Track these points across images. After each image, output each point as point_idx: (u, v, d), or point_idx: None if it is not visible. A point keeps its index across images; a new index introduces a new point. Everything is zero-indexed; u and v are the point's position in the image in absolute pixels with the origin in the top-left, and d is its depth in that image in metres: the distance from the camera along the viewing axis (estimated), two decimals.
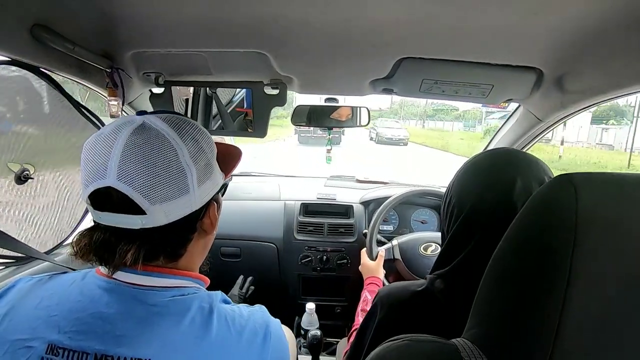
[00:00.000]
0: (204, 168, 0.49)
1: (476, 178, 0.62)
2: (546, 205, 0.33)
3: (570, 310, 0.28)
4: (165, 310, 0.45)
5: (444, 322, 0.59)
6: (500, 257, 0.37)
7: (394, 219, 1.66)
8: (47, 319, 0.44)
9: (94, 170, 0.44)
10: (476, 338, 0.37)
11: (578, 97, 0.88)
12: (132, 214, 0.44)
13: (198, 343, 0.44)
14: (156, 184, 0.44)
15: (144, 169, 0.43)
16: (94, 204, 0.45)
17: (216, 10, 0.66)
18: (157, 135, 0.45)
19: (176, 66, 0.94)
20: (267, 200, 1.66)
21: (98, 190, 0.44)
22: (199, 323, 0.45)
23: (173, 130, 0.47)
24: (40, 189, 0.81)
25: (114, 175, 0.42)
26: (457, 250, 0.62)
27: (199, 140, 0.49)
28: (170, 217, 0.46)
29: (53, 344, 0.42)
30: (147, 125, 0.46)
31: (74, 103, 0.85)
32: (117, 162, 0.43)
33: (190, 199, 0.47)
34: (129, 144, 0.44)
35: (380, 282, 1.17)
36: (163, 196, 0.44)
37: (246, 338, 0.47)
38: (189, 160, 0.46)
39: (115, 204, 0.44)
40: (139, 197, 0.43)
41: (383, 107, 36.20)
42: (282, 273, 1.58)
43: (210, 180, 0.51)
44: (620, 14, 0.58)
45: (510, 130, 1.24)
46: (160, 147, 0.44)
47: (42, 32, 0.64)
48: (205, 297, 0.49)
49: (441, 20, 0.65)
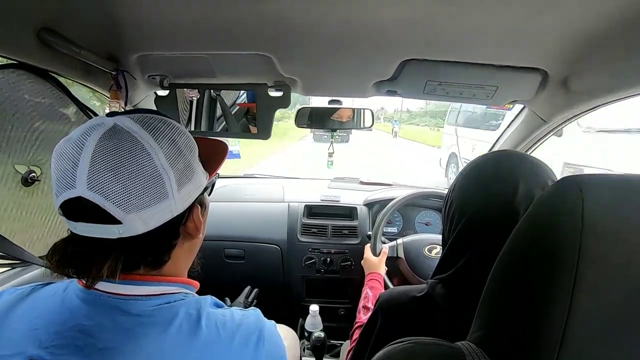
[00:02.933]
0: (184, 170, 0.46)
1: (478, 182, 0.61)
2: (551, 207, 0.33)
3: (577, 313, 0.28)
4: (150, 320, 0.43)
5: (445, 327, 0.59)
6: (505, 260, 0.37)
7: (398, 221, 1.66)
8: (28, 333, 0.42)
9: (63, 179, 0.40)
10: (481, 341, 0.36)
11: (584, 98, 0.87)
12: (108, 224, 0.41)
13: (185, 352, 0.42)
14: (130, 191, 0.41)
15: (115, 177, 0.40)
16: (67, 214, 0.42)
17: (220, 13, 0.67)
18: (128, 138, 0.42)
19: (181, 69, 0.95)
20: (271, 202, 1.66)
21: (69, 200, 0.41)
22: (186, 330, 0.43)
23: (146, 132, 0.43)
24: (47, 191, 0.82)
25: (83, 185, 0.39)
26: (458, 255, 0.61)
27: (176, 140, 0.46)
28: (149, 225, 0.43)
29: (33, 359, 0.40)
30: (118, 127, 0.42)
31: (81, 106, 0.86)
32: (86, 170, 0.40)
33: (169, 204, 0.44)
34: (99, 150, 0.40)
35: (381, 279, 1.16)
36: (139, 204, 0.41)
37: (238, 342, 0.46)
38: (165, 163, 0.43)
39: (88, 214, 0.41)
40: (111, 206, 0.40)
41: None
42: (285, 275, 1.58)
43: (191, 182, 0.47)
44: (626, 14, 0.57)
45: (515, 132, 1.23)
46: (132, 151, 0.41)
47: (49, 36, 0.64)
48: (193, 303, 0.47)
49: (445, 21, 0.65)
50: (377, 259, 1.23)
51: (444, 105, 29.93)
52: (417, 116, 38.70)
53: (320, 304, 1.33)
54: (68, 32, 0.68)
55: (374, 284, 1.13)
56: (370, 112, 1.34)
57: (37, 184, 0.79)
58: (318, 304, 1.29)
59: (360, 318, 1.04)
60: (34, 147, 0.78)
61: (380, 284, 1.14)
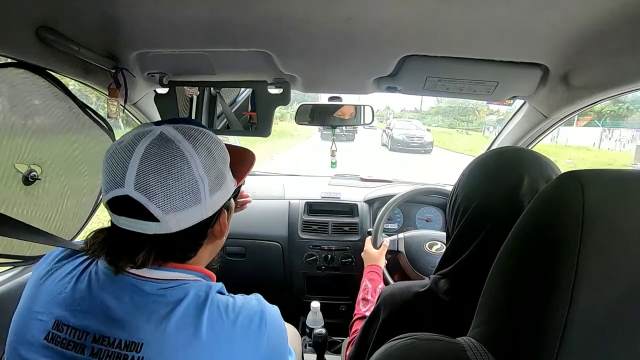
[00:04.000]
0: (216, 178, 0.51)
1: (482, 177, 0.62)
2: (553, 202, 0.33)
3: (577, 307, 0.28)
4: (161, 298, 0.47)
5: (447, 322, 0.59)
6: (506, 255, 0.37)
7: (398, 217, 1.66)
8: (57, 296, 0.48)
9: (113, 179, 0.46)
10: (482, 336, 0.36)
11: (584, 93, 0.87)
12: (146, 221, 0.46)
13: (191, 331, 0.45)
14: (170, 194, 0.46)
15: (159, 180, 0.46)
16: (112, 208, 0.48)
17: (219, 10, 0.66)
18: (172, 147, 0.47)
19: (180, 66, 0.95)
20: (272, 200, 1.66)
21: (117, 197, 0.46)
22: (192, 311, 0.47)
23: (187, 141, 0.49)
24: (47, 190, 0.82)
25: (131, 185, 0.45)
26: (462, 249, 0.61)
27: (212, 150, 0.51)
28: (182, 225, 0.48)
29: (59, 321, 0.46)
30: (164, 136, 0.48)
31: (80, 104, 0.86)
32: (134, 172, 0.45)
33: (201, 208, 0.49)
34: (146, 155, 0.46)
35: (380, 271, 1.17)
36: (176, 206, 0.47)
37: (240, 325, 0.49)
38: (202, 171, 0.48)
39: (131, 210, 0.46)
40: (153, 206, 0.45)
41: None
42: (286, 272, 1.58)
43: (221, 189, 0.52)
44: (626, 8, 0.57)
45: (516, 128, 1.23)
46: (175, 159, 0.47)
47: (47, 34, 0.64)
48: (204, 286, 0.50)
49: (445, 17, 0.64)
50: (377, 251, 1.24)
51: (456, 102, 28.64)
52: (428, 115, 33.83)
53: (321, 300, 1.33)
54: (67, 31, 0.68)
55: (372, 276, 1.14)
56: (370, 108, 1.33)
57: (38, 183, 0.79)
58: (319, 300, 1.30)
59: (360, 310, 1.04)
60: (34, 145, 0.78)
61: (379, 276, 1.15)
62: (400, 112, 38.81)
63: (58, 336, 0.45)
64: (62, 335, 0.45)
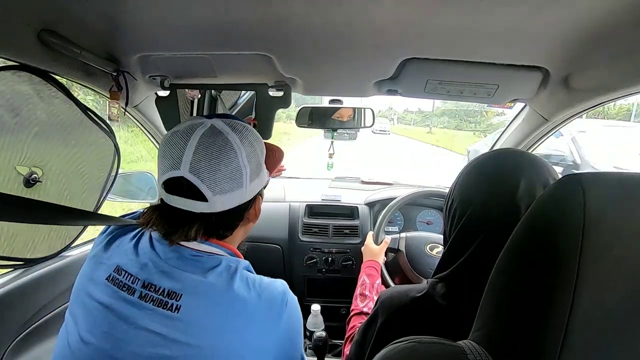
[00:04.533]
0: (256, 167, 0.59)
1: (479, 180, 0.61)
2: (554, 205, 0.33)
3: (578, 311, 0.28)
4: (197, 262, 0.55)
5: (445, 326, 0.59)
6: (507, 258, 0.37)
7: (399, 220, 1.66)
8: (120, 250, 0.58)
9: (171, 162, 0.54)
10: (483, 340, 0.36)
11: (585, 96, 0.87)
12: (197, 200, 0.54)
13: (222, 293, 0.52)
14: (219, 178, 0.54)
15: (210, 165, 0.53)
16: (167, 188, 0.56)
17: (220, 13, 0.67)
18: (222, 137, 0.55)
19: (181, 69, 0.95)
20: (272, 202, 1.66)
21: (172, 178, 0.54)
22: (224, 277, 0.54)
23: (234, 133, 0.56)
24: (48, 192, 0.82)
25: (186, 168, 0.53)
26: (459, 253, 0.61)
27: (253, 143, 0.59)
28: (226, 206, 0.56)
29: (119, 266, 0.55)
30: (215, 128, 0.56)
31: (81, 107, 0.86)
32: (190, 157, 0.53)
33: (242, 193, 0.57)
34: (200, 143, 0.54)
35: (378, 267, 1.17)
36: (223, 188, 0.54)
37: (265, 300, 0.54)
38: (245, 160, 0.56)
39: (184, 190, 0.54)
40: (204, 187, 0.53)
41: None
42: (287, 274, 1.58)
43: (259, 177, 0.61)
44: (627, 11, 0.57)
45: (516, 131, 1.23)
46: (224, 147, 0.54)
47: (49, 37, 0.64)
48: (234, 260, 0.57)
49: (445, 20, 0.65)
50: (377, 247, 1.24)
51: (463, 102, 27.44)
52: (433, 116, 33.21)
53: (321, 303, 1.33)
54: (69, 33, 0.68)
55: (370, 272, 1.14)
56: (370, 111, 1.34)
57: (39, 185, 0.79)
58: (320, 303, 1.30)
59: (357, 305, 1.04)
60: (36, 148, 0.78)
61: (377, 272, 1.15)
62: (403, 112, 38.48)
63: (117, 278, 0.53)
64: (120, 278, 0.53)
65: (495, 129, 20.44)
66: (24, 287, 0.83)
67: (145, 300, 0.51)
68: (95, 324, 0.52)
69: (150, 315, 0.50)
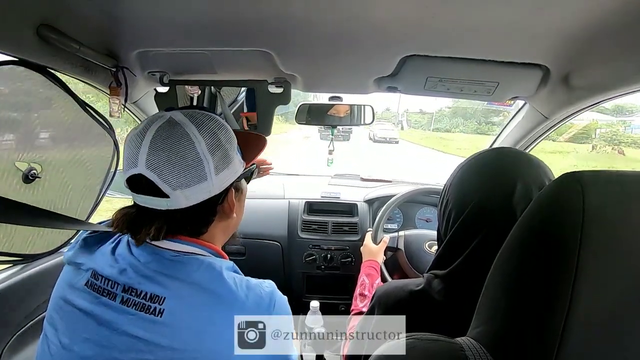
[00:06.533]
0: (222, 158, 0.55)
1: (475, 181, 0.61)
2: (553, 203, 0.33)
3: (577, 308, 0.28)
4: (179, 264, 0.53)
5: (440, 322, 0.59)
6: (506, 256, 0.37)
7: (398, 217, 1.66)
8: (100, 256, 0.56)
9: (130, 159, 0.52)
10: (481, 337, 0.36)
11: (585, 94, 0.87)
12: (159, 197, 0.52)
13: (206, 295, 0.51)
14: (176, 172, 0.51)
15: (166, 159, 0.51)
16: (131, 187, 0.54)
17: (220, 9, 0.66)
18: (179, 129, 0.52)
19: (181, 65, 0.94)
20: (271, 199, 1.66)
21: (132, 176, 0.52)
22: (208, 278, 0.52)
23: (193, 124, 0.53)
24: (47, 188, 0.82)
25: (143, 164, 0.51)
26: (456, 253, 0.61)
27: (216, 133, 0.55)
28: (190, 201, 0.53)
29: (95, 271, 0.53)
30: (171, 120, 0.53)
31: (80, 102, 0.86)
32: (146, 152, 0.51)
33: (208, 186, 0.54)
34: (156, 137, 0.51)
35: (377, 267, 1.17)
36: (182, 183, 0.52)
37: (252, 301, 0.53)
38: (205, 151, 0.53)
39: (145, 187, 0.52)
40: (162, 183, 0.51)
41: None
42: (286, 271, 1.58)
43: (228, 169, 0.57)
44: (627, 9, 0.57)
45: (516, 128, 1.23)
46: (180, 139, 0.52)
47: (48, 32, 0.64)
48: (217, 261, 0.56)
49: (445, 17, 0.64)
50: (376, 247, 1.24)
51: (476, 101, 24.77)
52: (443, 118, 27.84)
53: (320, 300, 1.33)
54: (67, 29, 0.68)
55: (370, 271, 1.14)
56: (370, 108, 1.33)
57: (38, 181, 0.79)
58: (319, 300, 1.30)
59: (357, 305, 1.05)
60: (34, 144, 0.78)
61: (376, 271, 1.15)
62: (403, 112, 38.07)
63: (95, 283, 0.52)
64: (98, 284, 0.52)
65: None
66: (23, 283, 0.84)
67: (127, 305, 0.50)
68: (76, 330, 0.51)
69: (132, 320, 0.49)
